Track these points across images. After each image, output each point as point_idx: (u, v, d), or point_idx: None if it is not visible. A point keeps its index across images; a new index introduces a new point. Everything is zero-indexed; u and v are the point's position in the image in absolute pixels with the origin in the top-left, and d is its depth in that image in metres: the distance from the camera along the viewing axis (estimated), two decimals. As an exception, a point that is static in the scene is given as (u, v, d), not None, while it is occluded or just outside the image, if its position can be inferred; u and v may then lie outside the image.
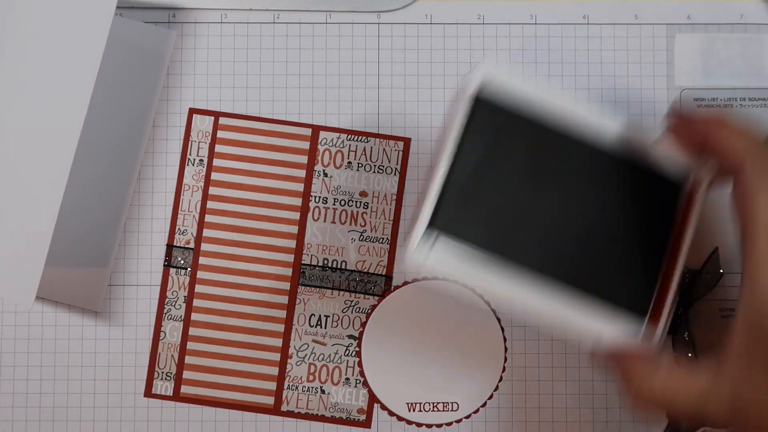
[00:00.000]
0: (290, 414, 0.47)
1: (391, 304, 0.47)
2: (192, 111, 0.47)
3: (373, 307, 0.47)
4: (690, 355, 0.47)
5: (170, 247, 0.47)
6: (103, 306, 0.47)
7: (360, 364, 0.47)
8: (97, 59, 0.41)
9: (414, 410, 0.47)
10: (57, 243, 0.45)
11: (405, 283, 0.47)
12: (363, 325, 0.47)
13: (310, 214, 0.47)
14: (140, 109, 0.47)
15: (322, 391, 0.47)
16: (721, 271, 0.47)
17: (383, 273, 0.47)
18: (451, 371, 0.47)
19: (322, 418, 0.47)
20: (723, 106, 0.48)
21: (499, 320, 0.47)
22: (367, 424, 0.47)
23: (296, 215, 0.47)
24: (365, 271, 0.47)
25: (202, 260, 0.47)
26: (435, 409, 0.47)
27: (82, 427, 0.46)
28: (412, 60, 0.48)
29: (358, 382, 0.47)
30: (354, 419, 0.47)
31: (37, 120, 0.42)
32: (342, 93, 0.48)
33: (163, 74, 0.47)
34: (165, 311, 0.47)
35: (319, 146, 0.47)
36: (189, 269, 0.47)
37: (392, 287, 0.47)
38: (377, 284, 0.47)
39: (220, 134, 0.47)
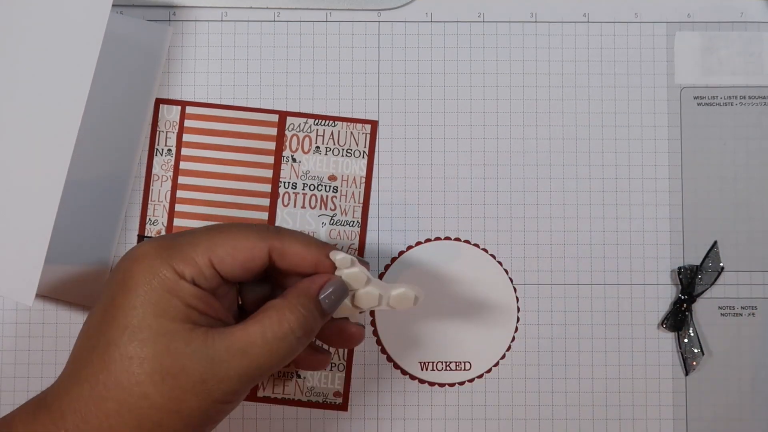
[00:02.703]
0: (266, 399, 0.47)
1: (403, 265, 0.47)
2: (158, 101, 0.47)
3: (387, 266, 0.47)
4: (696, 351, 0.47)
5: (141, 237, 0.47)
6: (103, 303, 0.47)
7: (373, 323, 0.47)
8: (94, 56, 0.41)
9: (426, 369, 0.47)
10: (57, 241, 0.45)
11: (418, 243, 0.47)
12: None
13: (279, 200, 0.47)
14: (138, 105, 0.47)
15: (298, 376, 0.47)
16: (722, 264, 0.47)
17: (354, 256, 0.47)
18: (464, 330, 0.47)
19: (298, 403, 0.47)
20: (723, 104, 0.48)
21: (511, 280, 0.47)
22: (343, 407, 0.47)
23: (266, 201, 0.47)
24: None
25: None
26: (447, 368, 0.47)
27: (82, 425, 0.46)
28: (412, 58, 0.48)
29: (334, 365, 0.47)
30: (330, 402, 0.47)
31: (35, 117, 0.42)
32: (342, 91, 0.48)
33: (160, 69, 0.47)
34: None
35: (286, 132, 0.47)
36: None
37: (406, 247, 0.47)
38: None
39: (188, 123, 0.47)
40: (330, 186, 0.47)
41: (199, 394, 0.35)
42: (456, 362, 0.47)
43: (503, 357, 0.47)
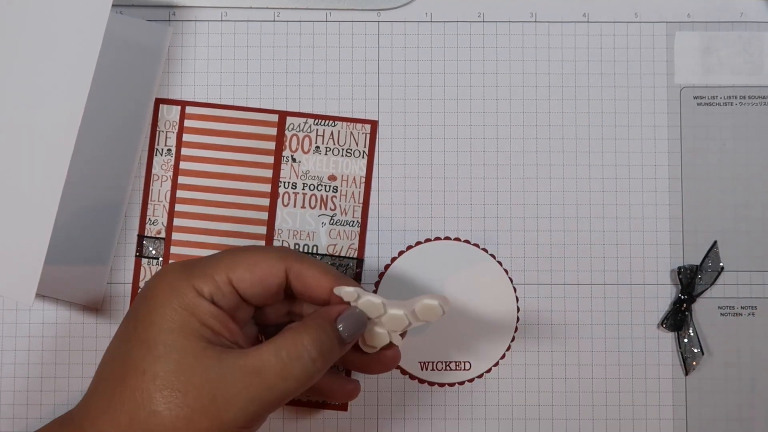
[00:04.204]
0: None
1: (403, 265, 0.47)
2: (158, 101, 0.47)
3: (387, 266, 0.47)
4: (696, 351, 0.47)
5: (141, 237, 0.47)
6: (103, 303, 0.47)
7: None
8: (94, 56, 0.41)
9: (426, 369, 0.47)
10: (57, 241, 0.45)
11: (418, 243, 0.47)
12: (376, 284, 0.47)
13: (279, 200, 0.47)
14: (138, 105, 0.47)
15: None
16: (722, 264, 0.47)
17: (354, 256, 0.47)
18: (464, 330, 0.47)
19: (298, 403, 0.46)
20: (723, 104, 0.48)
21: (511, 280, 0.47)
22: (343, 407, 0.47)
23: (266, 201, 0.47)
24: (336, 254, 0.47)
25: (173, 249, 0.47)
26: (447, 368, 0.47)
27: (82, 425, 0.46)
28: (412, 58, 0.48)
29: (334, 366, 0.47)
30: (330, 402, 0.47)
31: (35, 117, 0.42)
32: (342, 91, 0.48)
33: (160, 70, 0.47)
34: None
35: (286, 132, 0.47)
36: (160, 259, 0.47)
37: (406, 247, 0.47)
38: (349, 267, 0.47)
39: (187, 123, 0.47)
40: (330, 186, 0.47)
41: (208, 413, 0.34)
42: (456, 362, 0.47)
43: (503, 357, 0.47)
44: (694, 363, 0.47)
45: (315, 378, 0.37)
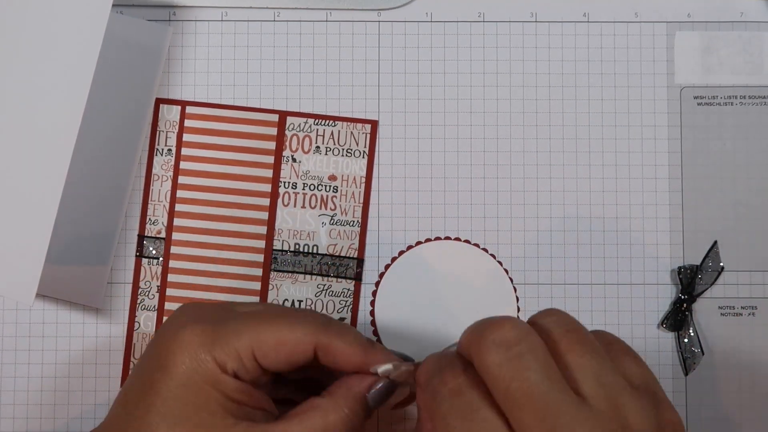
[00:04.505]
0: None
1: (403, 265, 0.47)
2: (158, 101, 0.47)
3: (387, 266, 0.47)
4: (696, 351, 0.47)
5: (141, 237, 0.47)
6: (103, 303, 0.47)
7: (373, 323, 0.47)
8: (95, 56, 0.41)
9: None
10: (57, 241, 0.45)
11: (418, 243, 0.47)
12: (377, 284, 0.47)
13: (280, 200, 0.47)
14: (138, 105, 0.47)
15: None
16: (722, 264, 0.47)
17: (354, 256, 0.47)
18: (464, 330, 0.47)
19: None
20: (723, 104, 0.48)
21: (511, 280, 0.47)
22: None
23: (266, 201, 0.47)
24: (337, 254, 0.47)
25: (173, 249, 0.47)
26: None
27: (83, 425, 0.46)
28: (412, 58, 0.48)
29: None
30: None
31: (35, 117, 0.42)
32: (342, 91, 0.48)
33: (160, 70, 0.47)
34: (138, 301, 0.47)
35: (286, 132, 0.47)
36: (161, 259, 0.47)
37: (406, 247, 0.47)
38: (349, 267, 0.47)
39: (188, 123, 0.47)
40: (330, 186, 0.47)
41: None
42: (456, 362, 0.47)
43: (503, 357, 0.47)
44: (694, 363, 0.47)
45: None
